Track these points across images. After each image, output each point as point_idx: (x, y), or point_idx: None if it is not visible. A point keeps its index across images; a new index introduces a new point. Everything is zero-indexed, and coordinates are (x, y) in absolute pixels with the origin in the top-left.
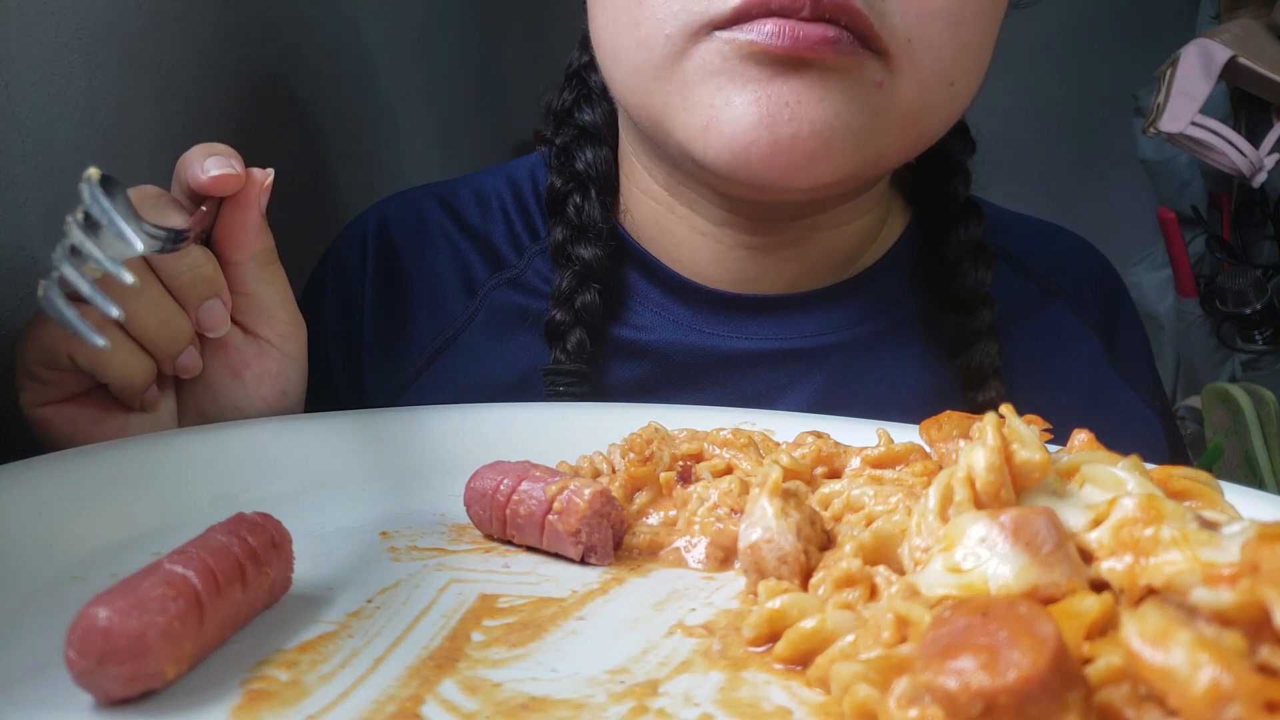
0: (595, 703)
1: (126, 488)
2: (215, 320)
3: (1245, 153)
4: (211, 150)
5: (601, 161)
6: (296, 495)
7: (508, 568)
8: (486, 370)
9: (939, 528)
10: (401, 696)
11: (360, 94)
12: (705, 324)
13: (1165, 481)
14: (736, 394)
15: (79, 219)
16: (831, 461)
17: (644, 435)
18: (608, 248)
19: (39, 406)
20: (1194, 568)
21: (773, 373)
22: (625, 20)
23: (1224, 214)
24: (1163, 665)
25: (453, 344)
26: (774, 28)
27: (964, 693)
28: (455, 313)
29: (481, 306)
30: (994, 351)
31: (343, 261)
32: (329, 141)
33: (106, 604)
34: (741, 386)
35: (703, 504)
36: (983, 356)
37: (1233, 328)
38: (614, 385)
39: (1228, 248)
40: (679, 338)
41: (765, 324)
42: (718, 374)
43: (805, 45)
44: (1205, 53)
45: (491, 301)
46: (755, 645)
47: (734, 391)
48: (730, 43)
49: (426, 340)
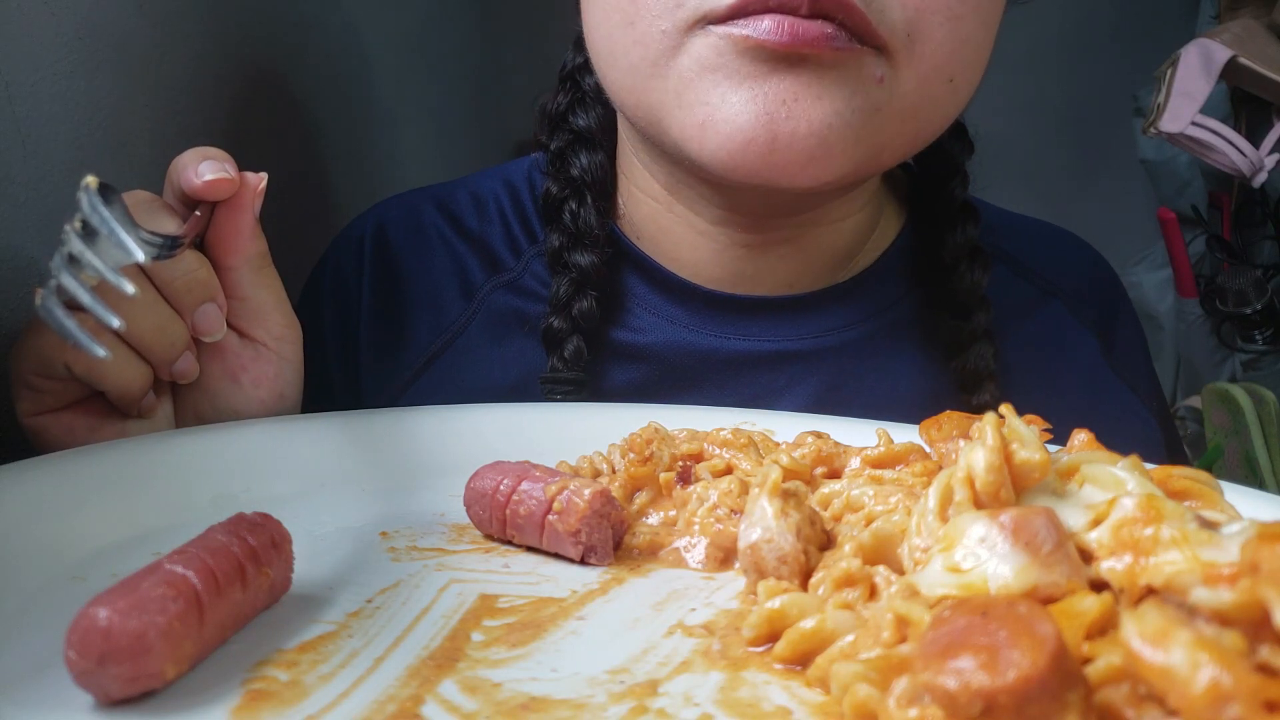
0: (595, 703)
1: (126, 488)
2: (211, 325)
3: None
4: (205, 154)
5: (597, 167)
6: (296, 495)
7: (508, 568)
8: (484, 374)
9: (939, 528)
10: (401, 696)
11: (360, 94)
12: (703, 325)
13: (1165, 481)
14: (734, 395)
15: (77, 227)
16: (831, 461)
17: (644, 435)
18: (604, 254)
19: (35, 415)
20: (1194, 567)
21: (770, 374)
22: (619, 19)
23: (1224, 214)
24: (1162, 665)
25: (450, 347)
26: (772, 24)
27: (964, 692)
28: (453, 316)
29: (479, 310)
30: (990, 355)
31: (340, 265)
32: (328, 142)
33: (106, 604)
34: (739, 388)
35: (702, 504)
36: (978, 360)
37: (1233, 328)
38: (612, 389)
39: (1228, 248)
40: (677, 339)
41: (763, 325)
42: (715, 375)
43: (804, 41)
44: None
45: (489, 304)
46: (755, 645)
47: (732, 393)
48: (726, 38)
49: (424, 343)
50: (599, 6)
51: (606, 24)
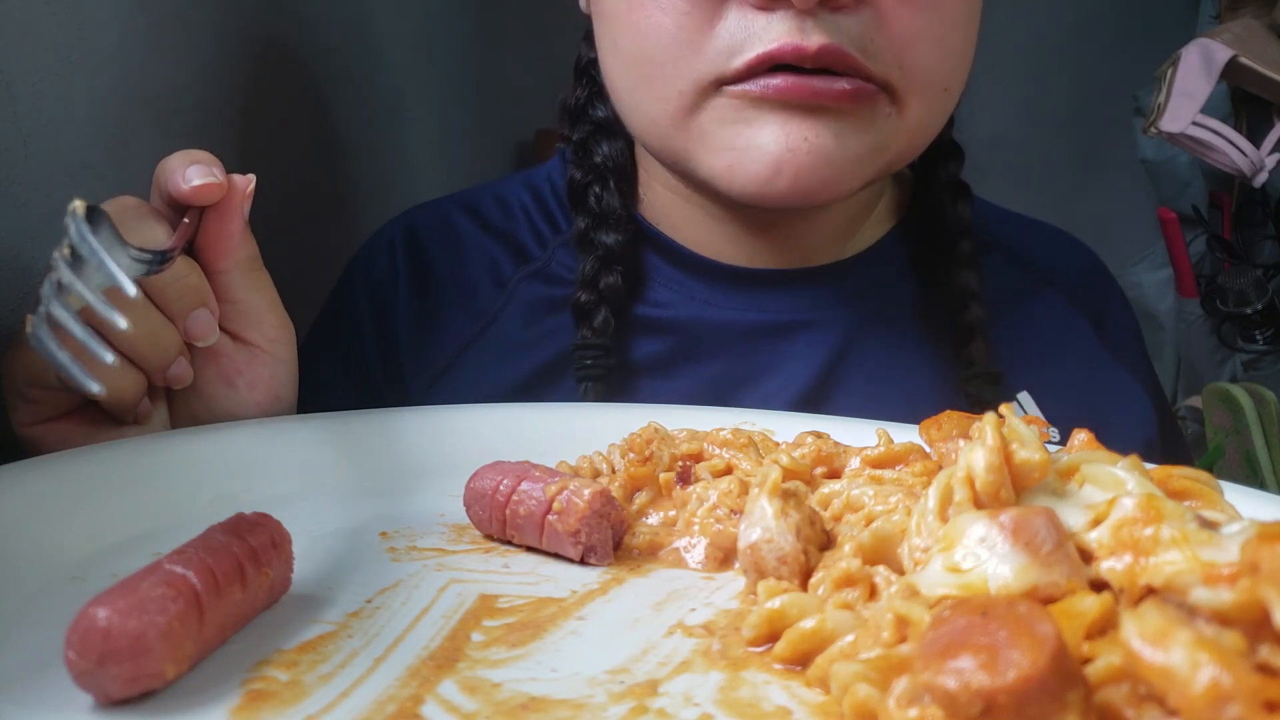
0: (595, 703)
1: (126, 488)
2: (203, 330)
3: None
4: (192, 158)
5: (618, 153)
6: (296, 495)
7: (507, 568)
8: (517, 355)
9: (939, 528)
10: (401, 697)
11: (365, 92)
12: (721, 298)
13: (1165, 481)
14: (751, 362)
15: (65, 254)
16: (831, 461)
17: (644, 435)
18: (627, 232)
19: (31, 426)
20: (1194, 567)
21: (786, 343)
22: (638, 75)
23: (1225, 214)
24: (1162, 665)
25: (484, 333)
26: (784, 81)
27: (964, 692)
28: (485, 305)
29: (510, 298)
30: (981, 312)
31: (371, 268)
32: (334, 140)
33: (106, 604)
34: (755, 355)
35: (702, 504)
36: (973, 316)
37: (1233, 328)
38: (636, 360)
39: (1228, 247)
40: (696, 313)
41: (778, 296)
42: (734, 345)
43: (824, 95)
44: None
45: (520, 293)
46: (755, 645)
47: (749, 361)
48: (743, 94)
49: (459, 331)
50: (618, 59)
51: (626, 77)
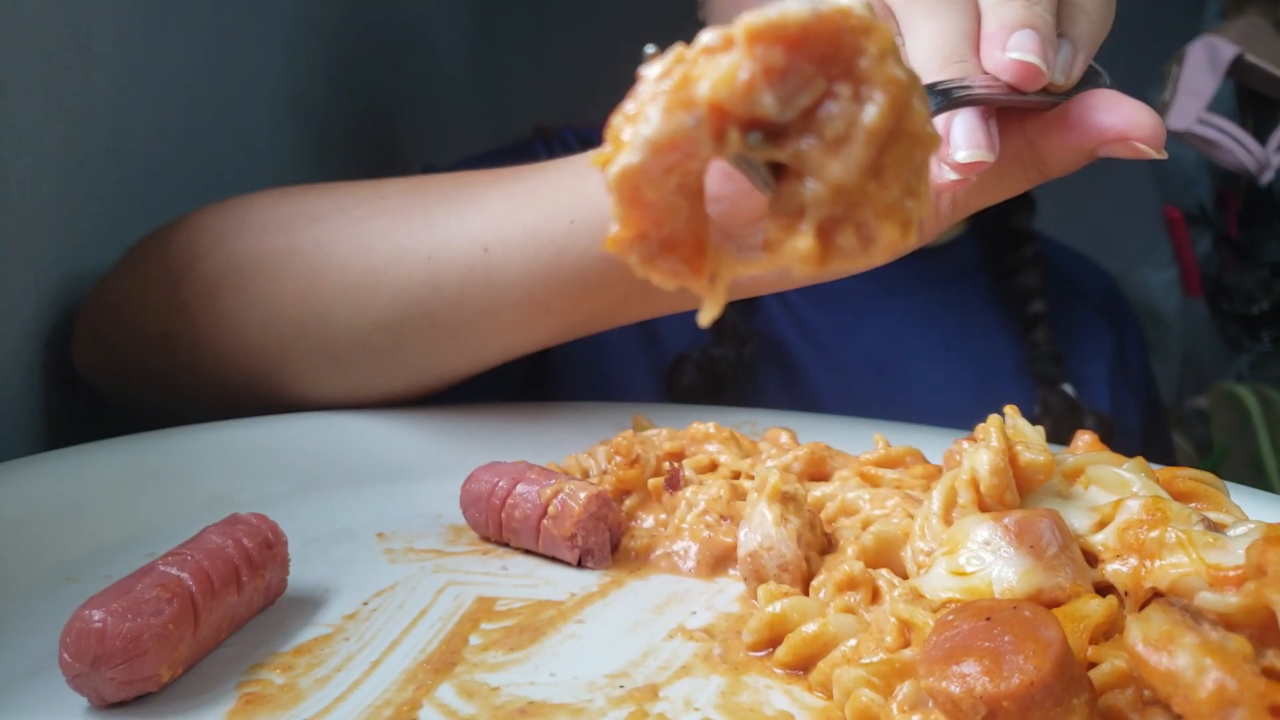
0: (594, 708)
1: (121, 488)
2: None
3: (1252, 150)
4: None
5: None
6: (292, 496)
7: (505, 570)
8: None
9: (943, 530)
10: (398, 701)
11: (362, 91)
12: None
13: (1170, 483)
14: (825, 322)
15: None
16: (823, 466)
17: (626, 439)
18: None
19: None
20: (1199, 570)
21: (860, 301)
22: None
23: (1231, 212)
24: (1168, 669)
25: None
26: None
27: (967, 698)
28: None
29: None
30: (1038, 275)
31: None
32: (327, 137)
33: (101, 606)
34: (830, 313)
35: (691, 510)
36: (1027, 278)
37: (1239, 327)
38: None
39: (1234, 246)
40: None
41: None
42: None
43: None
44: (1212, 50)
45: None
46: (756, 650)
47: (826, 315)
48: None
49: None
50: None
51: None
